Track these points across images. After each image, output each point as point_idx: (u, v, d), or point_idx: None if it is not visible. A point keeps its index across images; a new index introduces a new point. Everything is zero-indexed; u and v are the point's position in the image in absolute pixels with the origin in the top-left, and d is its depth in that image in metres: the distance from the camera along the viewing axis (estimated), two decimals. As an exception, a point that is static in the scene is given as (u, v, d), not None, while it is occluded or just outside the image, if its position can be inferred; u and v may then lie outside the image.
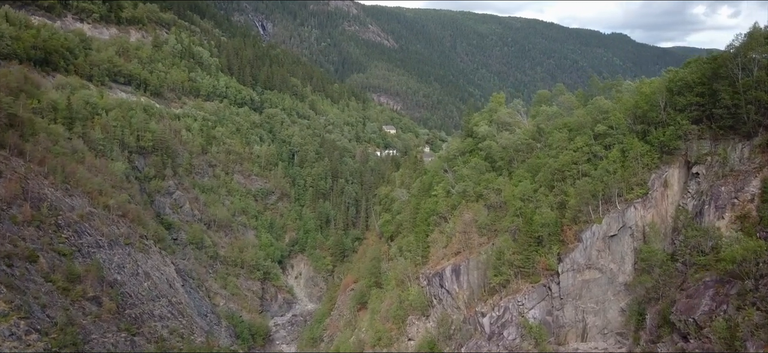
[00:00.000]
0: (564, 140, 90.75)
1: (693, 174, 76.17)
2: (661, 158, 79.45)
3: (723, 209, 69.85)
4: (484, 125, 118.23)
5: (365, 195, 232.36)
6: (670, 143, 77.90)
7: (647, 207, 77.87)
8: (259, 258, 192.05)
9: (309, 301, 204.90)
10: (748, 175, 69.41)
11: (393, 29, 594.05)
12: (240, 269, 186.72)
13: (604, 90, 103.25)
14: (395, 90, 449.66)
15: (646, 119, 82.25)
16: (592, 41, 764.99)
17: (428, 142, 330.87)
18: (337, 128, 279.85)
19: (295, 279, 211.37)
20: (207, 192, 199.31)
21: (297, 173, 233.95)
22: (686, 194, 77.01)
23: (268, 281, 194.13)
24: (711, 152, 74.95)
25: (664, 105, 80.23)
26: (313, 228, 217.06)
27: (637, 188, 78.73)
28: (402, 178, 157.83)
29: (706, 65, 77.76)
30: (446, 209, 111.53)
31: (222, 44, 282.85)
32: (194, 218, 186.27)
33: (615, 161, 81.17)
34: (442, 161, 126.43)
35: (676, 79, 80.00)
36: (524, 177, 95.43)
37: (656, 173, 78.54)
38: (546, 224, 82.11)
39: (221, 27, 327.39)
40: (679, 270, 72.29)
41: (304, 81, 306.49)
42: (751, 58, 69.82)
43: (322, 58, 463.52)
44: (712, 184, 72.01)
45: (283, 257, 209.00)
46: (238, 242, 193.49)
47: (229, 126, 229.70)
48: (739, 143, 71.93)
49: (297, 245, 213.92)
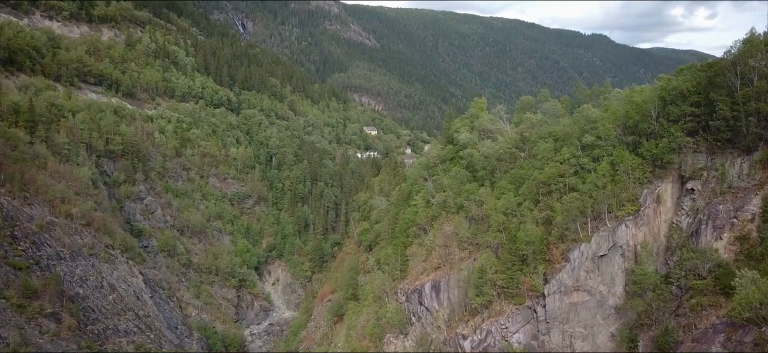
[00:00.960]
0: (549, 150, 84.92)
1: (687, 190, 70.71)
2: (654, 172, 73.86)
3: (721, 229, 64.41)
4: (465, 131, 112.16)
5: (345, 199, 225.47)
6: (663, 156, 72.34)
7: (639, 225, 72.27)
8: (234, 265, 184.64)
9: (287, 308, 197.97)
10: (748, 193, 64.03)
11: (375, 29, 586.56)
12: (214, 276, 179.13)
13: (591, 97, 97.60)
14: (377, 90, 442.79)
15: (637, 129, 76.59)
16: (572, 42, 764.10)
17: (410, 143, 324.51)
18: (317, 130, 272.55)
19: (272, 286, 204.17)
20: (180, 197, 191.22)
21: (275, 176, 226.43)
22: (680, 211, 71.53)
23: (244, 288, 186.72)
24: (707, 167, 69.48)
25: (656, 115, 74.61)
26: (291, 233, 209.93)
27: (628, 205, 73.03)
28: (381, 184, 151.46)
29: (701, 73, 72.28)
30: (426, 221, 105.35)
31: (199, 43, 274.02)
32: (166, 224, 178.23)
33: (604, 174, 75.42)
34: (421, 168, 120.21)
35: (669, 87, 74.42)
36: (507, 189, 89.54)
37: (648, 189, 72.95)
38: (531, 241, 76.18)
39: (199, 26, 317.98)
40: (674, 294, 66.78)
41: (283, 81, 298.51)
42: (750, 66, 64.30)
43: (302, 57, 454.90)
44: (710, 202, 66.52)
45: (260, 263, 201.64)
46: (212, 248, 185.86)
47: (205, 128, 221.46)
48: (737, 157, 66.48)
49: (274, 251, 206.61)
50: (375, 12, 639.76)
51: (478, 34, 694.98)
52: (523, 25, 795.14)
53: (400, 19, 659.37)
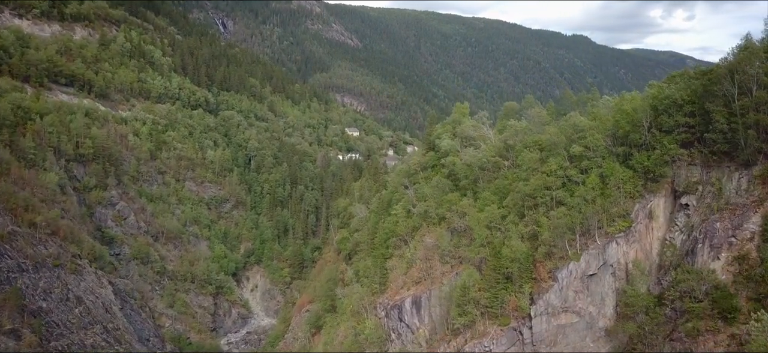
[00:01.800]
0: (535, 160, 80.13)
1: (681, 205, 66.28)
2: (645, 186, 69.37)
3: (718, 249, 59.99)
4: (446, 138, 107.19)
5: (326, 202, 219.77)
6: (656, 169, 67.86)
7: (631, 242, 67.73)
8: (211, 271, 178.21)
9: (265, 315, 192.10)
10: (747, 209, 59.68)
11: (357, 28, 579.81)
12: (190, 284, 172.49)
13: (577, 104, 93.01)
14: (359, 90, 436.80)
15: (628, 140, 71.98)
16: (553, 42, 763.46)
17: (392, 144, 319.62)
18: (298, 131, 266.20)
19: (250, 292, 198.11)
20: (155, 201, 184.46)
21: (253, 180, 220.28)
22: (674, 227, 67.10)
23: (222, 295, 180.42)
24: (702, 181, 65.09)
25: (648, 126, 70.11)
26: (270, 238, 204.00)
27: (619, 221, 68.47)
28: (361, 190, 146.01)
29: (695, 81, 67.85)
30: (406, 231, 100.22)
31: (176, 43, 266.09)
32: (139, 230, 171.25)
33: (593, 188, 70.77)
34: (402, 175, 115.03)
35: (661, 96, 69.91)
36: (491, 201, 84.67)
37: (640, 203, 68.46)
38: (516, 259, 71.35)
39: (177, 25, 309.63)
40: (668, 317, 62.25)
41: (263, 81, 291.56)
42: (749, 75, 59.90)
43: (284, 57, 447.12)
44: (706, 219, 62.06)
45: (238, 269, 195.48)
46: (188, 254, 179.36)
47: (182, 130, 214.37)
48: (735, 172, 62.10)
49: (253, 257, 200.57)
50: (357, 12, 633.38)
51: (461, 34, 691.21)
52: (505, 25, 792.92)
53: (382, 19, 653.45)
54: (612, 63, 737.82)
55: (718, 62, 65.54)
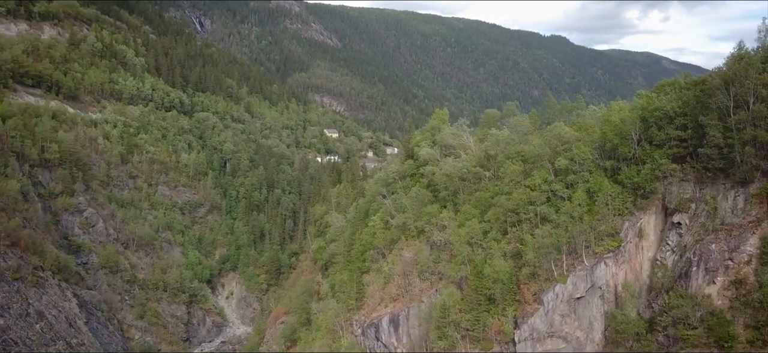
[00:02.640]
0: (518, 173, 75.64)
1: (674, 224, 62.17)
2: (635, 202, 65.14)
3: (714, 272, 55.96)
4: (426, 146, 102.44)
5: (304, 206, 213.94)
6: (646, 184, 63.66)
7: (620, 263, 63.48)
8: (184, 279, 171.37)
9: (241, 323, 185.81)
10: (744, 230, 55.71)
11: (336, 28, 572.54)
12: (162, 292, 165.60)
13: (562, 112, 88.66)
14: (338, 90, 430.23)
15: (617, 154, 67.74)
16: (532, 43, 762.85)
17: (372, 146, 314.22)
18: (275, 133, 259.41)
19: (226, 300, 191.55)
20: (126, 207, 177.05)
21: (229, 183, 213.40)
22: (665, 247, 62.99)
23: (195, 304, 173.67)
24: (695, 198, 61.01)
25: (637, 139, 65.93)
26: (246, 243, 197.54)
27: (608, 240, 64.17)
28: (338, 198, 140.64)
29: (687, 92, 63.73)
30: (384, 244, 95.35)
31: (150, 42, 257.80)
32: (109, 238, 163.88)
33: (580, 204, 66.42)
34: (380, 184, 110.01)
35: (651, 107, 65.70)
36: (472, 214, 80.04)
37: (630, 221, 64.23)
38: (499, 279, 66.79)
39: (152, 24, 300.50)
40: (661, 344, 58.09)
41: (240, 82, 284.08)
42: (746, 87, 55.84)
43: (262, 56, 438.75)
44: (701, 240, 57.97)
45: (213, 276, 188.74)
46: (160, 262, 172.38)
47: (154, 132, 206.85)
48: (731, 190, 58.09)
49: (228, 263, 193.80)
50: (337, 11, 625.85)
51: (440, 34, 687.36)
52: (485, 26, 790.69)
53: (362, 19, 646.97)
54: (590, 63, 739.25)
55: (711, 72, 61.41)
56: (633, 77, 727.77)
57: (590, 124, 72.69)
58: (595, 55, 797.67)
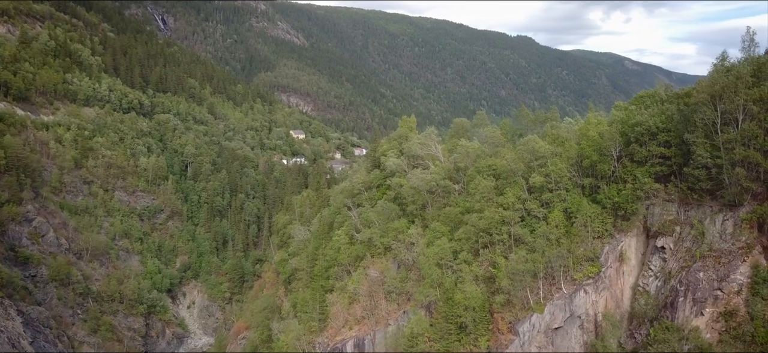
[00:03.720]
0: (489, 189, 70.30)
1: (657, 248, 57.53)
2: (615, 224, 60.38)
3: (702, 303, 51.36)
4: (393, 155, 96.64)
5: (268, 211, 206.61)
6: (627, 205, 58.93)
7: (600, 290, 58.61)
8: (142, 289, 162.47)
9: (203, 333, 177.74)
10: (734, 258, 51.22)
11: (303, 27, 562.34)
12: (118, 304, 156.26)
13: (535, 123, 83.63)
14: (305, 90, 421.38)
15: (595, 171, 62.92)
16: (499, 43, 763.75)
17: (339, 147, 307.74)
18: (239, 135, 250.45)
19: (187, 310, 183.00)
20: (80, 215, 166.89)
21: (190, 188, 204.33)
22: (647, 272, 58.32)
23: (154, 315, 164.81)
24: (680, 221, 56.42)
25: (618, 155, 61.18)
26: (208, 251, 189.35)
27: (587, 265, 59.23)
28: (302, 207, 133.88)
29: (670, 106, 59.15)
30: (349, 260, 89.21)
31: (108, 41, 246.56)
32: (60, 248, 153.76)
33: (557, 225, 61.38)
34: (345, 195, 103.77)
35: (631, 122, 60.94)
36: (441, 232, 74.46)
37: (610, 245, 59.39)
38: (470, 307, 61.33)
39: (111, 21, 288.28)
40: (645, 379, 53.39)
41: (203, 82, 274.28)
42: (736, 103, 51.31)
43: (227, 55, 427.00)
44: (687, 267, 53.34)
45: (173, 285, 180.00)
46: (117, 272, 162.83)
47: (111, 135, 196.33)
48: (719, 213, 53.57)
49: (189, 271, 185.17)
50: (303, 10, 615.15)
51: (408, 34, 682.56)
52: (452, 25, 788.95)
53: (329, 18, 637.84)
54: (555, 64, 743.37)
55: (696, 86, 56.86)
56: (597, 77, 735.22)
57: (566, 138, 67.75)
58: (560, 55, 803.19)
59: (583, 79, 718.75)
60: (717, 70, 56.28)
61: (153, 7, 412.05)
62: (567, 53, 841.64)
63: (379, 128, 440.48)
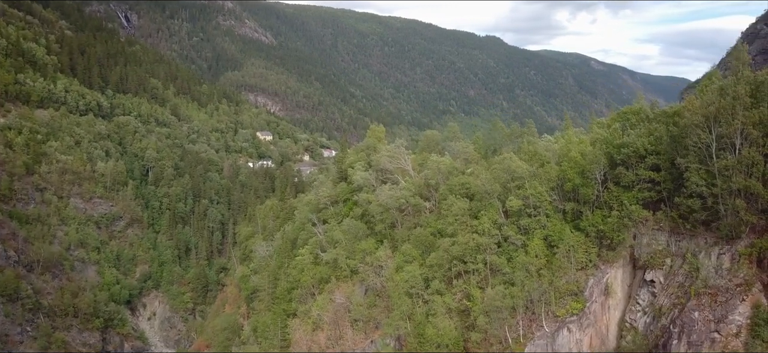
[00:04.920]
0: (463, 211, 64.43)
1: (646, 281, 52.39)
2: (600, 254, 55.05)
3: (698, 346, 46.16)
4: (360, 168, 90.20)
5: (233, 217, 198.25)
6: (613, 234, 53.64)
7: (584, 327, 53.20)
8: (99, 302, 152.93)
9: (165, 346, 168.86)
10: (732, 296, 46.20)
11: (271, 25, 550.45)
12: (72, 319, 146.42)
13: (510, 138, 77.99)
14: (273, 90, 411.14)
15: (578, 196, 57.52)
16: (467, 43, 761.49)
17: (308, 149, 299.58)
18: (203, 137, 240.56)
19: (147, 321, 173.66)
20: (31, 224, 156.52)
21: (151, 194, 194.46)
22: (635, 307, 53.14)
23: (112, 328, 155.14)
24: (670, 253, 51.33)
25: (603, 179, 55.89)
26: (169, 259, 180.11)
27: (570, 300, 53.75)
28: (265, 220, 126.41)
29: (659, 126, 54.00)
30: (313, 282, 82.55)
31: (66, 39, 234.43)
32: (8, 260, 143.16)
33: (537, 255, 55.82)
34: (310, 210, 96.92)
35: (617, 142, 55.64)
36: (412, 256, 68.39)
37: (595, 277, 54.03)
38: (443, 344, 55.37)
39: (69, 19, 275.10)
40: (635, 428, 48.17)
41: (166, 82, 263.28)
42: (734, 126, 46.24)
43: (193, 53, 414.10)
44: (680, 304, 48.21)
45: (133, 296, 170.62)
46: (71, 284, 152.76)
47: (66, 139, 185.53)
48: (714, 246, 48.51)
49: (150, 281, 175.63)
50: (272, 8, 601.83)
51: (377, 33, 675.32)
52: (421, 25, 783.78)
53: (297, 16, 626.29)
54: (523, 64, 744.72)
55: (687, 105, 51.69)
56: (564, 78, 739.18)
57: (545, 157, 62.20)
58: (527, 55, 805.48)
59: (550, 80, 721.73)
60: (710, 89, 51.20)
61: (116, 4, 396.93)
62: (534, 53, 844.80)
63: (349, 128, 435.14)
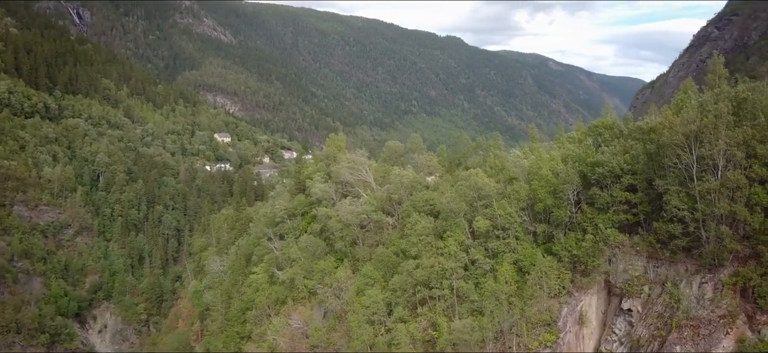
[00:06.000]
0: (427, 231, 59.85)
1: (623, 310, 48.70)
2: (573, 280, 51.16)
3: (680, 383, 42.69)
4: (319, 179, 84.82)
5: (189, 223, 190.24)
6: (588, 260, 49.80)
7: (558, 360, 49.27)
8: (45, 316, 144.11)
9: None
10: (715, 328, 42.69)
11: (231, 23, 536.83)
12: (15, 336, 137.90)
13: (476, 151, 73.65)
14: (233, 89, 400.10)
15: (550, 217, 53.54)
16: (428, 43, 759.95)
17: (268, 151, 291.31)
18: (158, 140, 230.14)
19: (98, 335, 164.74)
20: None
21: (102, 200, 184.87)
22: (611, 336, 49.39)
23: (58, 343, 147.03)
24: (648, 280, 47.73)
25: (576, 199, 52.03)
26: (122, 269, 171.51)
27: (543, 331, 49.60)
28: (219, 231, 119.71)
29: (635, 144, 50.37)
30: (269, 303, 76.89)
31: (10, 37, 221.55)
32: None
33: (507, 281, 51.64)
34: (266, 224, 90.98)
35: (590, 160, 51.83)
36: (374, 279, 63.52)
37: (568, 306, 50.07)
38: (408, 379, 50.72)
39: (15, 15, 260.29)
40: None
41: (119, 83, 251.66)
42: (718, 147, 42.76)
43: (149, 52, 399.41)
44: (661, 338, 44.47)
45: (82, 308, 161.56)
46: (13, 298, 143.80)
47: (9, 143, 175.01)
48: (696, 274, 44.99)
49: (101, 292, 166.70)
50: (231, 6, 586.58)
51: (338, 33, 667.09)
52: (382, 25, 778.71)
53: (258, 15, 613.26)
54: (483, 64, 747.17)
55: (663, 120, 48.11)
56: (523, 78, 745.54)
57: (514, 174, 58.08)
58: (488, 55, 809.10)
59: (510, 80, 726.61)
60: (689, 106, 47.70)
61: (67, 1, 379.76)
62: (494, 54, 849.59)
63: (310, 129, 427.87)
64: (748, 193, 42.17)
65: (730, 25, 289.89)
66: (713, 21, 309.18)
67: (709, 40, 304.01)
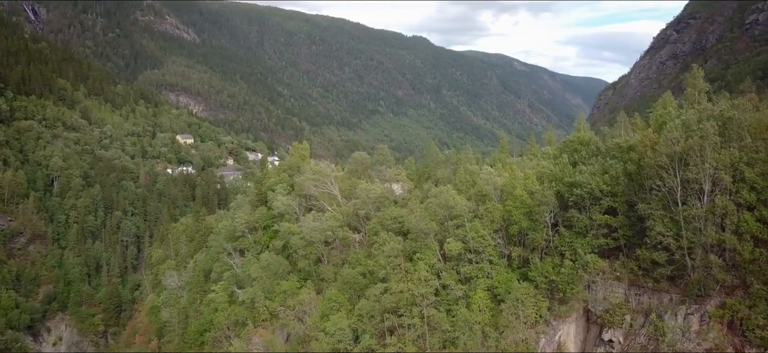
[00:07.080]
0: (396, 252, 55.79)
1: (603, 341, 45.48)
2: (551, 308, 47.77)
3: (666, 422, 39.67)
4: (281, 192, 79.99)
5: (149, 229, 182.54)
6: (566, 287, 46.46)
7: (536, 395, 45.82)
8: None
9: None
10: (701, 363, 39.86)
11: (194, 22, 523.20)
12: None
13: (446, 164, 69.97)
14: (196, 89, 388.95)
15: (525, 240, 50.07)
16: (395, 43, 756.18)
17: (232, 152, 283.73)
18: (117, 142, 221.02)
19: (52, 347, 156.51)
20: None
21: (56, 206, 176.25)
22: (590, 367, 46.25)
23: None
24: (630, 309, 44.60)
25: (553, 221, 48.64)
26: (77, 278, 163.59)
27: (520, 364, 46.16)
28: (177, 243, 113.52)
29: (614, 163, 47.19)
30: (228, 325, 71.79)
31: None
32: None
33: (481, 309, 47.94)
34: (225, 238, 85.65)
35: (568, 180, 48.50)
36: (339, 303, 59.19)
37: (546, 336, 46.65)
38: (376, 417, 46.60)
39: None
40: None
41: (75, 83, 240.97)
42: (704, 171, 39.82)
43: (109, 50, 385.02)
44: (645, 374, 41.48)
45: (35, 320, 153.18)
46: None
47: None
48: (681, 304, 41.96)
49: (55, 302, 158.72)
50: (194, 4, 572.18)
51: (305, 32, 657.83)
52: (348, 24, 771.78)
53: (222, 13, 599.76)
54: (449, 64, 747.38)
55: (643, 139, 45.07)
56: (488, 78, 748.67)
57: (487, 193, 54.49)
58: (453, 56, 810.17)
59: (475, 80, 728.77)
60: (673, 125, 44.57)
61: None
62: (460, 54, 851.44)
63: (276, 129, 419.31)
64: (736, 220, 39.28)
65: (688, 28, 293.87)
66: (672, 24, 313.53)
67: (669, 42, 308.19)
